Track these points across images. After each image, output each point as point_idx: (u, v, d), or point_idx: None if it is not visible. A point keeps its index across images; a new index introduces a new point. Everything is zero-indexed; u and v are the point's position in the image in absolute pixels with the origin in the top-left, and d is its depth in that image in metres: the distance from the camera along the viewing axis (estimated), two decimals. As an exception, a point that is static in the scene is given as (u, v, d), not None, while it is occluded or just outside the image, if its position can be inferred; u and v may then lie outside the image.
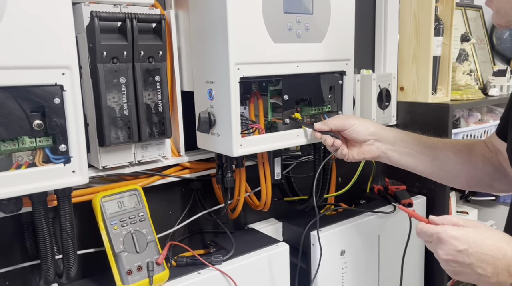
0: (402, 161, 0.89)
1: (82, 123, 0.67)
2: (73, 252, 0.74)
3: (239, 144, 0.85)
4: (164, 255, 0.86)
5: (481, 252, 0.60)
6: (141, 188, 0.90)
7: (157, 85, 0.87)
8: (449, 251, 0.62)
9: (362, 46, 1.42)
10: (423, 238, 0.67)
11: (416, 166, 0.89)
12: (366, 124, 0.89)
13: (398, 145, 0.89)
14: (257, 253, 1.01)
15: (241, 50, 0.82)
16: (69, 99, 0.65)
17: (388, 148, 0.89)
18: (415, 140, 0.90)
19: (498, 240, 0.60)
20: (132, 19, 0.82)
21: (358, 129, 0.88)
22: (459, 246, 0.61)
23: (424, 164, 0.89)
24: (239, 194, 1.01)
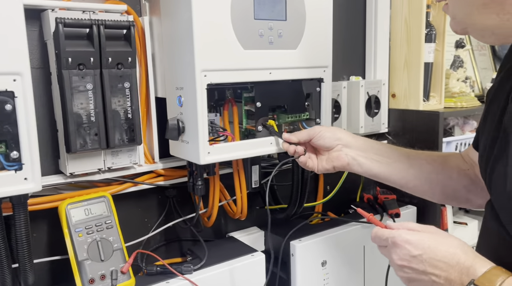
0: (374, 168, 0.85)
1: (34, 130, 0.66)
2: (28, 260, 0.73)
3: (206, 152, 0.84)
4: (129, 264, 0.85)
5: (435, 258, 0.58)
6: (110, 195, 0.89)
7: (127, 91, 0.87)
8: (403, 256, 0.61)
9: (352, 53, 1.40)
10: (378, 242, 0.65)
11: (390, 174, 0.85)
12: (333, 130, 0.86)
13: (369, 152, 0.85)
14: (231, 263, 0.99)
15: (208, 56, 0.81)
16: (21, 106, 0.65)
17: (358, 154, 0.85)
18: (387, 148, 0.87)
19: (452, 246, 0.59)
20: (99, 25, 0.81)
21: (324, 135, 0.85)
22: (414, 252, 0.60)
23: (399, 172, 0.85)
24: (213, 202, 0.99)
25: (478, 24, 0.59)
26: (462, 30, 0.63)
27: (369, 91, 1.32)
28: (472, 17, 0.59)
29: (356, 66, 1.42)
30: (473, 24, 0.60)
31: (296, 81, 0.96)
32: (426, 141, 1.34)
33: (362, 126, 1.31)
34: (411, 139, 1.39)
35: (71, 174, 0.86)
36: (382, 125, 1.38)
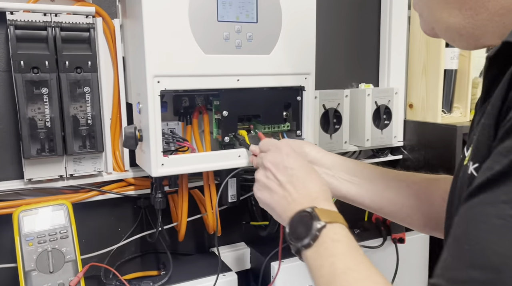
0: (342, 189, 0.73)
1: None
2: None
3: (159, 163, 0.77)
4: (79, 277, 0.81)
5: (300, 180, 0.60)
6: (70, 203, 0.86)
7: (87, 97, 0.83)
8: (276, 161, 0.63)
9: (363, 58, 1.28)
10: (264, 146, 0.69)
11: (359, 196, 0.73)
12: (300, 144, 0.75)
13: (337, 169, 0.74)
14: (198, 282, 0.92)
15: (161, 61, 0.75)
16: None
17: (323, 171, 0.73)
18: (362, 167, 0.75)
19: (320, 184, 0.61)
20: (54, 27, 0.78)
21: None
22: (288, 163, 0.62)
23: (370, 195, 0.73)
24: (181, 216, 0.93)
25: (441, 23, 0.49)
26: (430, 31, 0.53)
27: (377, 101, 1.19)
28: (435, 14, 0.49)
29: (369, 73, 1.30)
30: (437, 23, 0.50)
31: (272, 89, 0.87)
32: (442, 158, 1.19)
33: (368, 139, 1.19)
34: (426, 155, 1.25)
35: (28, 180, 0.84)
36: (394, 139, 1.24)
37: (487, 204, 0.33)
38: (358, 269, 0.46)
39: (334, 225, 0.51)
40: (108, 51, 0.90)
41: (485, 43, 0.46)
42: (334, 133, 1.15)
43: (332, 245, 0.49)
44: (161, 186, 0.84)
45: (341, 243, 0.49)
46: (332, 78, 1.23)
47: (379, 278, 0.45)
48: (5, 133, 0.87)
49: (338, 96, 1.14)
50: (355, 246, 0.50)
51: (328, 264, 0.48)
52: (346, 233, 0.51)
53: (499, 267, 0.30)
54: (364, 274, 0.46)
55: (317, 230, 0.50)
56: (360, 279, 0.45)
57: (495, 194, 0.33)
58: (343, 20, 1.22)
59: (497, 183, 0.33)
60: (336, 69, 1.24)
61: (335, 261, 0.47)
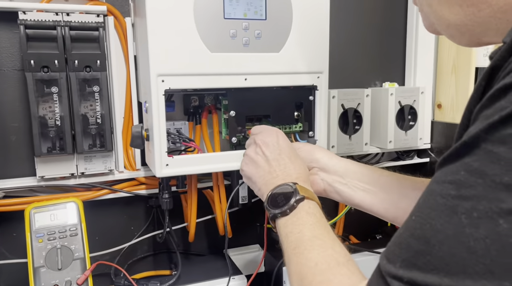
0: (355, 198, 0.70)
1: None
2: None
3: (164, 164, 0.76)
4: (86, 276, 0.81)
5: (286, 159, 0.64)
6: (80, 201, 0.86)
7: (96, 95, 0.83)
8: (268, 139, 0.67)
9: (389, 55, 1.22)
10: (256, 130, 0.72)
11: (373, 205, 0.70)
12: (311, 150, 0.73)
13: (350, 178, 0.71)
14: (206, 284, 0.91)
15: (165, 60, 0.73)
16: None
17: (335, 179, 0.71)
18: (374, 174, 0.71)
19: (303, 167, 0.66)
20: (63, 27, 0.79)
21: (300, 154, 0.71)
22: (279, 143, 0.66)
23: (385, 205, 0.69)
24: (190, 217, 0.91)
25: (442, 20, 0.45)
26: (431, 27, 0.49)
27: (401, 101, 1.13)
28: (435, 10, 0.45)
29: (394, 72, 1.24)
30: (438, 20, 0.46)
31: (282, 89, 0.84)
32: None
33: (391, 140, 1.13)
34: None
35: (41, 177, 0.86)
36: (420, 141, 1.18)
37: (436, 182, 0.35)
38: (323, 238, 0.51)
39: (310, 202, 0.57)
40: (120, 50, 0.91)
41: (488, 41, 0.43)
42: (354, 134, 1.10)
43: (304, 216, 0.55)
44: (168, 186, 0.83)
45: (313, 216, 0.55)
46: (353, 77, 1.18)
47: (340, 248, 0.49)
48: (20, 131, 0.89)
49: (358, 95, 1.09)
50: (325, 222, 0.55)
51: (297, 231, 0.53)
52: (319, 210, 0.57)
53: (430, 239, 0.33)
54: (327, 242, 0.50)
55: (295, 201, 0.56)
56: (323, 246, 0.49)
57: (443, 172, 0.35)
58: (367, 15, 1.17)
59: (446, 162, 0.35)
60: (358, 68, 1.19)
61: (303, 229, 0.53)
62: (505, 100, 0.31)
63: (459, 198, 0.32)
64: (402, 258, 0.35)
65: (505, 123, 0.31)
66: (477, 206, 0.31)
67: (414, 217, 0.36)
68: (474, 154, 0.32)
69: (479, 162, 0.32)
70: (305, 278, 0.47)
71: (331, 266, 0.46)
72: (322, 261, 0.47)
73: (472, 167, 0.32)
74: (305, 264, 0.48)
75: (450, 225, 0.32)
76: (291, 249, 0.51)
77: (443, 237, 0.32)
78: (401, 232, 0.37)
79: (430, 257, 0.32)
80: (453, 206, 0.32)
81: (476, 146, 0.32)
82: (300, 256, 0.49)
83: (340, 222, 1.22)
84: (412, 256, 0.34)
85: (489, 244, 0.30)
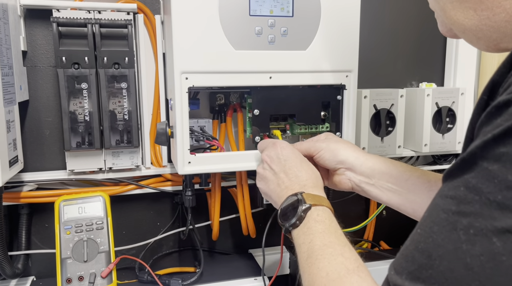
0: (383, 197, 0.69)
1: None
2: (2, 251, 0.76)
3: (186, 161, 0.76)
4: (110, 269, 0.83)
5: (292, 169, 0.64)
6: (107, 195, 0.88)
7: (124, 92, 0.85)
8: (271, 153, 0.67)
9: (427, 55, 1.16)
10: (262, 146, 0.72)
11: (401, 206, 0.68)
12: (336, 150, 0.70)
13: (377, 178, 0.68)
14: (227, 284, 0.90)
15: (189, 57, 0.73)
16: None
17: (362, 180, 0.69)
18: (402, 174, 0.67)
19: (312, 170, 0.64)
20: (94, 24, 0.80)
21: (324, 156, 0.70)
22: (281, 155, 0.66)
23: (413, 206, 0.67)
24: (214, 215, 0.91)
25: (457, 25, 0.43)
26: (448, 32, 0.47)
27: (438, 102, 1.07)
28: (449, 15, 0.43)
29: (432, 72, 1.18)
30: (453, 25, 0.44)
31: (308, 87, 0.82)
32: None
33: (426, 144, 1.08)
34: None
35: (71, 171, 0.88)
36: (458, 145, 1.11)
37: (440, 196, 0.35)
38: (333, 246, 0.50)
39: (318, 208, 0.56)
40: (150, 47, 0.92)
41: (506, 47, 0.40)
42: (386, 136, 1.05)
43: (314, 225, 0.54)
44: (191, 184, 0.83)
45: (322, 224, 0.54)
46: (387, 77, 1.14)
47: (350, 254, 0.49)
48: (54, 126, 0.92)
49: (392, 96, 1.04)
50: (335, 227, 0.54)
51: (308, 241, 0.52)
52: (328, 216, 0.56)
53: (432, 254, 0.33)
54: (337, 249, 0.49)
55: (302, 211, 0.55)
56: (333, 254, 0.49)
57: (446, 187, 0.35)
58: (402, 11, 1.12)
59: (450, 177, 0.35)
60: (393, 67, 1.14)
61: (314, 238, 0.52)
62: (501, 118, 0.31)
63: (459, 214, 0.32)
64: (407, 270, 0.35)
65: (498, 142, 0.31)
66: (474, 223, 0.31)
67: (419, 230, 0.36)
68: (472, 170, 0.33)
69: (476, 178, 0.32)
70: None
71: (341, 275, 0.46)
72: (332, 270, 0.47)
73: (470, 183, 0.32)
74: (317, 274, 0.48)
75: (450, 240, 0.32)
76: (304, 260, 0.51)
77: (443, 252, 0.32)
78: (407, 244, 0.37)
79: (432, 271, 0.33)
80: (453, 221, 0.32)
81: (474, 162, 0.33)
82: (312, 266, 0.49)
83: (371, 226, 1.18)
84: (416, 269, 0.34)
85: (484, 262, 0.30)
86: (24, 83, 0.86)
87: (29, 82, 0.89)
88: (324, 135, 0.74)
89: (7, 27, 0.76)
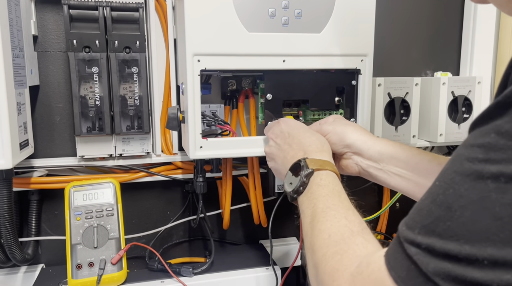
0: (391, 182, 0.66)
1: (5, 107, 0.67)
2: (12, 236, 0.75)
3: (198, 146, 0.75)
4: (120, 255, 0.82)
5: (296, 138, 0.63)
6: (117, 182, 0.87)
7: (135, 77, 0.84)
8: (275, 130, 0.68)
9: (442, 44, 1.14)
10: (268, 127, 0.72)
11: (410, 190, 0.65)
12: (343, 133, 0.68)
13: (385, 162, 0.66)
14: (239, 273, 0.89)
15: (201, 39, 0.72)
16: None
17: (370, 164, 0.67)
18: (412, 158, 0.65)
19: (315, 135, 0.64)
20: (105, 7, 0.79)
21: (331, 140, 0.67)
22: (284, 129, 0.66)
23: (423, 190, 0.63)
24: (224, 204, 0.90)
25: None
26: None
27: (454, 91, 1.05)
28: None
29: (448, 61, 1.16)
30: None
31: (322, 72, 0.80)
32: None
33: (441, 133, 1.06)
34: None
35: (81, 157, 0.87)
36: (474, 135, 1.09)
37: (464, 146, 0.33)
38: (336, 208, 0.49)
39: (321, 172, 0.55)
40: (160, 32, 0.90)
41: None
42: (401, 125, 1.03)
43: (317, 189, 0.53)
44: (203, 170, 0.82)
45: (325, 187, 0.53)
46: (402, 65, 1.11)
47: (354, 217, 0.47)
48: (64, 112, 0.91)
49: (407, 84, 1.02)
50: (338, 190, 0.53)
51: (311, 205, 0.51)
52: (332, 179, 0.54)
53: (452, 205, 0.31)
54: (340, 212, 0.48)
55: (305, 176, 0.54)
56: (336, 216, 0.47)
57: (472, 136, 0.33)
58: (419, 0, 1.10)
59: (477, 125, 0.33)
60: (408, 56, 1.12)
61: (317, 202, 0.51)
62: None
63: (487, 161, 0.30)
64: (421, 224, 0.33)
65: None
66: (505, 170, 0.29)
67: (438, 182, 0.34)
68: (507, 114, 0.30)
69: (510, 123, 0.30)
70: (319, 250, 0.45)
71: (345, 237, 0.44)
72: (335, 232, 0.45)
73: (503, 128, 0.30)
74: (319, 236, 0.46)
75: (475, 189, 0.30)
76: (307, 223, 0.50)
77: (466, 202, 0.30)
78: (423, 198, 0.35)
79: (450, 223, 0.31)
80: (479, 169, 0.30)
81: (508, 107, 0.30)
82: (314, 229, 0.48)
83: (383, 218, 1.16)
84: (431, 222, 0.32)
85: None
86: (34, 68, 0.86)
87: (40, 68, 0.88)
88: (332, 118, 0.72)
89: (18, 9, 0.75)
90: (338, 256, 0.42)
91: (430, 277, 0.31)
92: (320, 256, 0.44)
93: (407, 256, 0.33)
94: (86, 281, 0.80)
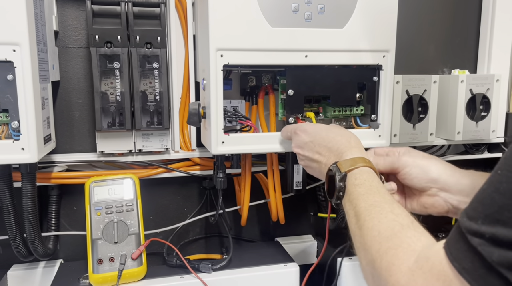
0: None
1: (31, 101, 0.67)
2: (35, 230, 0.76)
3: (220, 141, 0.75)
4: (140, 251, 0.82)
5: (321, 144, 0.62)
6: (137, 177, 0.87)
7: (155, 73, 0.84)
8: (298, 142, 0.66)
9: (460, 41, 1.13)
10: (284, 135, 0.73)
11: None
12: (426, 166, 0.60)
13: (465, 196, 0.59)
14: (258, 269, 0.89)
15: (224, 34, 0.72)
16: (20, 76, 0.66)
17: (461, 200, 0.58)
18: None
19: (339, 135, 0.62)
20: (127, 3, 0.80)
21: (411, 173, 0.60)
22: (306, 139, 0.65)
23: None
24: (243, 200, 0.90)
25: None
26: None
27: (473, 89, 1.04)
28: None
29: (465, 59, 1.15)
30: None
31: (344, 68, 0.80)
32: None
33: (459, 132, 1.05)
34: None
35: (101, 152, 0.87)
36: (492, 133, 1.08)
37: None
38: (379, 204, 0.48)
39: (354, 171, 0.54)
40: (180, 29, 0.91)
41: None
42: (418, 123, 1.03)
43: (354, 190, 0.52)
44: (223, 166, 0.82)
45: (361, 186, 0.52)
46: (419, 63, 1.11)
47: (400, 210, 0.46)
48: (83, 108, 0.91)
49: (425, 81, 1.02)
50: (375, 185, 0.51)
51: (353, 207, 0.51)
52: (366, 176, 0.53)
53: None
54: (385, 207, 0.47)
55: (339, 181, 0.54)
56: (382, 212, 0.46)
57: None
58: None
59: None
60: (426, 54, 1.11)
61: (358, 202, 0.50)
62: None
63: None
64: (484, 214, 0.33)
65: None
66: None
67: (500, 171, 0.33)
68: None
69: None
70: (371, 248, 0.44)
71: (396, 231, 0.43)
72: (385, 228, 0.44)
73: None
74: (368, 234, 0.45)
75: None
76: (353, 224, 0.49)
77: None
78: (484, 188, 0.34)
79: None
80: None
81: None
82: (361, 228, 0.47)
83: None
84: (496, 212, 0.32)
85: None
86: (56, 63, 0.86)
87: (60, 63, 0.89)
88: (404, 149, 0.63)
89: (42, 4, 0.75)
90: (392, 250, 0.41)
91: (494, 267, 0.30)
92: (374, 252, 0.43)
93: (470, 246, 0.33)
94: (107, 276, 0.80)
